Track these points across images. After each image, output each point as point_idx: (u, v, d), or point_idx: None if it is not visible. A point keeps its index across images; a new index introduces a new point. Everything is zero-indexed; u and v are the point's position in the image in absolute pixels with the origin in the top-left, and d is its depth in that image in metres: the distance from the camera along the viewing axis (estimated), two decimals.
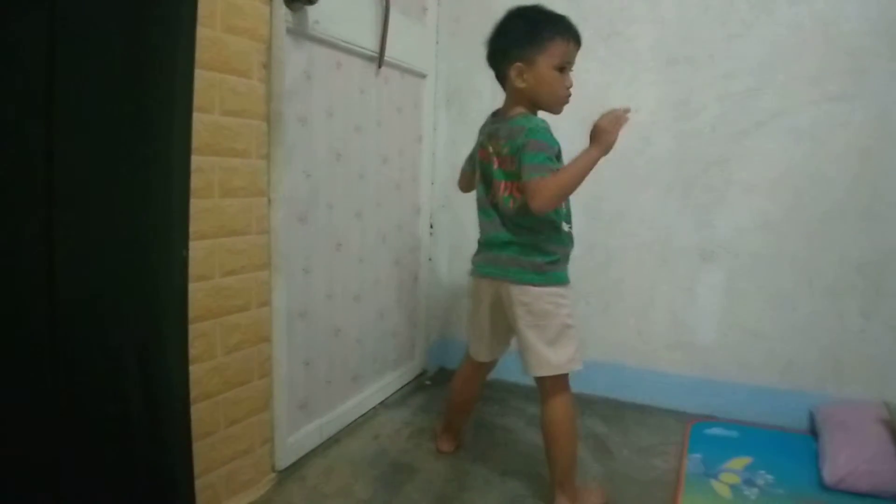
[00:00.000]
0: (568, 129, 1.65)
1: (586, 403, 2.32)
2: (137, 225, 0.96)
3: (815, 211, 2.10)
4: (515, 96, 1.64)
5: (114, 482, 0.98)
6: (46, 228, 0.84)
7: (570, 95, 1.63)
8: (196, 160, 1.33)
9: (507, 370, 1.86)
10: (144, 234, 0.97)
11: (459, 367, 1.92)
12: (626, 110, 1.57)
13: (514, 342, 1.73)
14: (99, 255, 0.92)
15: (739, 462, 1.87)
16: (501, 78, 1.66)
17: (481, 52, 1.68)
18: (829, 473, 1.75)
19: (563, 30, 1.59)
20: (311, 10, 1.66)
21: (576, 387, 2.35)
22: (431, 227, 2.52)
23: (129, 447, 0.99)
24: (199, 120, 1.33)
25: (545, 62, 1.58)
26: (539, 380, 1.66)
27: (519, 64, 1.59)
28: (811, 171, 2.09)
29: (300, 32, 1.66)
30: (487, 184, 1.67)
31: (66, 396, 0.89)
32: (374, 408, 2.21)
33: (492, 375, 1.92)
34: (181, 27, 1.07)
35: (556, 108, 1.65)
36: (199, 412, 1.42)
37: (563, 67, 1.60)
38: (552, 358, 1.62)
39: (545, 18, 1.60)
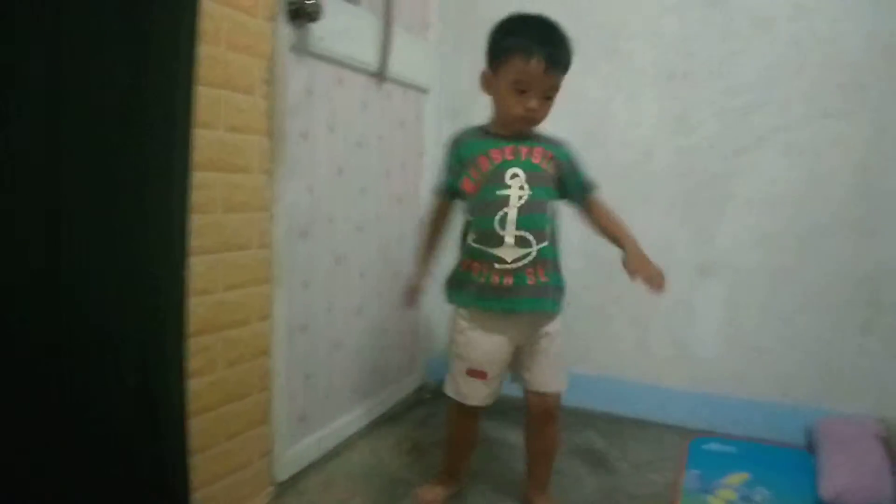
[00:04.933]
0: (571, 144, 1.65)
1: (585, 417, 2.32)
2: (137, 245, 0.97)
3: (814, 226, 2.11)
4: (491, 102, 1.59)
5: (112, 495, 0.99)
6: (51, 246, 0.85)
7: (529, 117, 1.52)
8: (199, 176, 1.35)
9: (510, 385, 1.86)
10: (144, 253, 0.99)
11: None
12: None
13: None
14: (100, 274, 0.93)
15: (737, 478, 1.87)
16: None
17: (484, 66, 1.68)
18: (826, 489, 1.75)
19: (524, 47, 1.46)
20: (314, 28, 1.68)
21: (574, 401, 2.37)
22: None
23: (127, 461, 1.00)
24: (202, 136, 1.35)
25: (503, 77, 1.51)
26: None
27: (485, 70, 1.56)
28: (809, 186, 2.10)
29: (303, 49, 1.68)
30: None
31: (64, 409, 0.90)
32: (373, 421, 2.21)
33: None
34: (181, 42, 1.08)
35: (510, 126, 1.55)
36: (199, 425, 1.42)
37: (523, 89, 1.48)
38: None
39: (515, 30, 1.50)
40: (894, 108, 2.00)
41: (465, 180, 1.58)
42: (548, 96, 1.51)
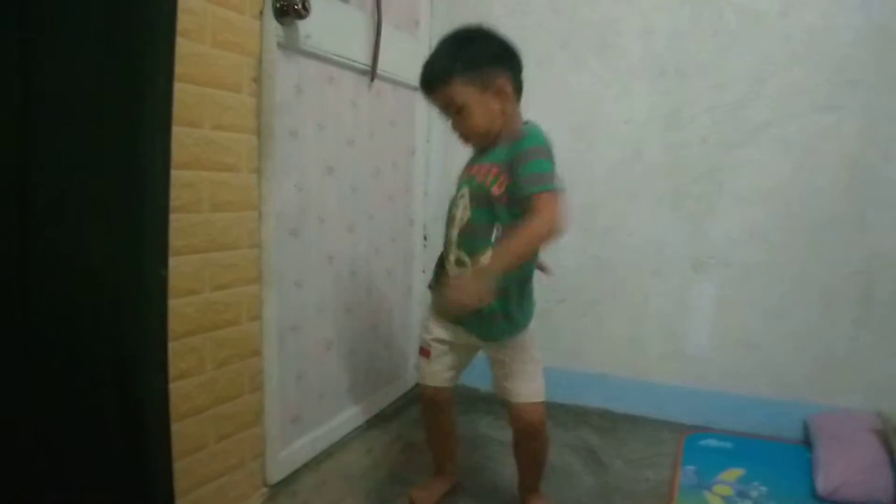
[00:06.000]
0: (558, 138, 1.61)
1: (579, 415, 2.32)
2: (111, 244, 0.95)
3: (806, 220, 2.11)
4: None
5: (92, 497, 0.97)
6: (22, 245, 0.84)
7: (461, 136, 1.54)
8: (185, 175, 1.34)
9: None
10: (119, 252, 0.96)
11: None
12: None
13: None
14: (73, 275, 0.91)
15: (733, 473, 1.87)
16: None
17: None
18: (823, 484, 1.75)
19: (422, 88, 1.56)
20: (303, 25, 1.66)
21: (569, 398, 2.37)
22: (425, 238, 2.52)
23: (108, 463, 0.98)
24: (188, 135, 1.34)
25: None
26: None
27: None
28: (801, 181, 2.10)
29: (291, 47, 1.67)
30: None
31: (37, 412, 0.89)
32: (367, 421, 2.20)
33: (487, 387, 1.80)
34: (156, 39, 1.05)
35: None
36: (189, 427, 1.41)
37: (442, 115, 1.56)
38: None
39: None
40: (885, 101, 2.00)
41: None
42: (456, 111, 1.49)
